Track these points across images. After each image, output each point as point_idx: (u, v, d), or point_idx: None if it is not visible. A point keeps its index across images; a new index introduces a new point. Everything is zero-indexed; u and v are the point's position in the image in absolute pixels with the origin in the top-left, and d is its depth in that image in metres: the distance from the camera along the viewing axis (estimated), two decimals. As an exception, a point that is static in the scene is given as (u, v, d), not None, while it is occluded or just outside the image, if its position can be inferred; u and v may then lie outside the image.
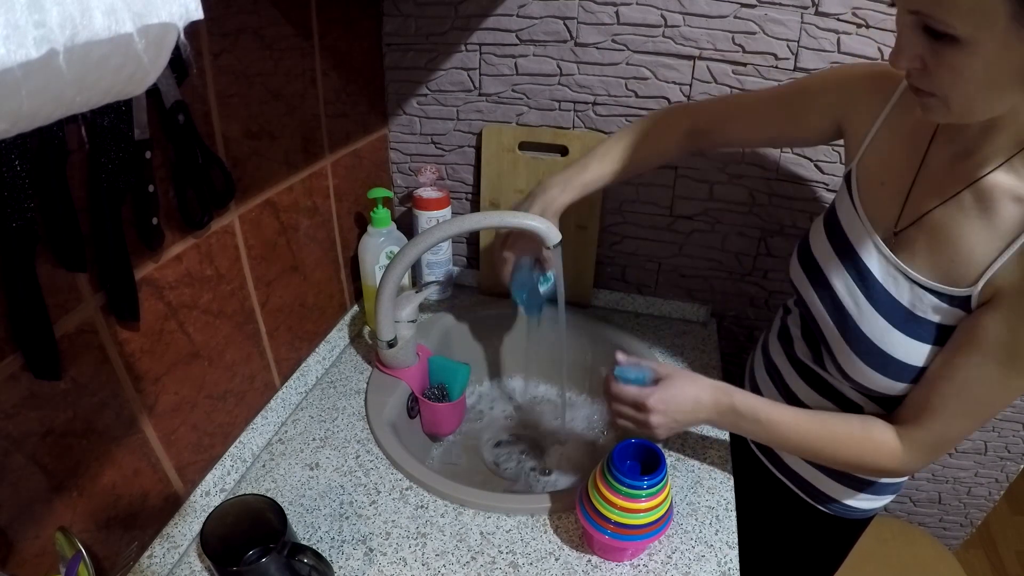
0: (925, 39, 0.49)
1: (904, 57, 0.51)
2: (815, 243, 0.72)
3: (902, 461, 0.63)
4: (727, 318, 1.12)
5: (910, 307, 0.61)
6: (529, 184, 1.04)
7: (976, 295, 0.56)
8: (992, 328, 0.55)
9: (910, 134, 0.64)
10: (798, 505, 0.81)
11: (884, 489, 0.77)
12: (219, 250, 0.69)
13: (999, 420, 1.15)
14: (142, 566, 0.62)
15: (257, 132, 0.72)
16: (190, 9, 0.27)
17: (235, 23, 0.66)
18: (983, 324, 0.56)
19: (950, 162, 0.60)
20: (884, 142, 0.67)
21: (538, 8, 0.93)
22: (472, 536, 0.69)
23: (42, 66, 0.21)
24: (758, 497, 0.85)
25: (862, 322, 0.64)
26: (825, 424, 0.66)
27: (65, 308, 0.51)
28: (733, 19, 0.87)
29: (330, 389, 0.91)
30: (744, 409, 0.68)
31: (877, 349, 0.63)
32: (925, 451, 0.63)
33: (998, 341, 0.55)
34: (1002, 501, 1.47)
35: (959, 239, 0.58)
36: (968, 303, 0.57)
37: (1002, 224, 0.55)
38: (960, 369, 0.58)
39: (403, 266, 0.76)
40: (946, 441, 0.62)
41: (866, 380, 0.65)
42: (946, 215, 0.59)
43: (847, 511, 0.78)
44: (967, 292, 0.57)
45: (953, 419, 0.60)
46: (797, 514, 0.82)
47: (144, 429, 0.61)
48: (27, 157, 0.43)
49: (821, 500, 0.79)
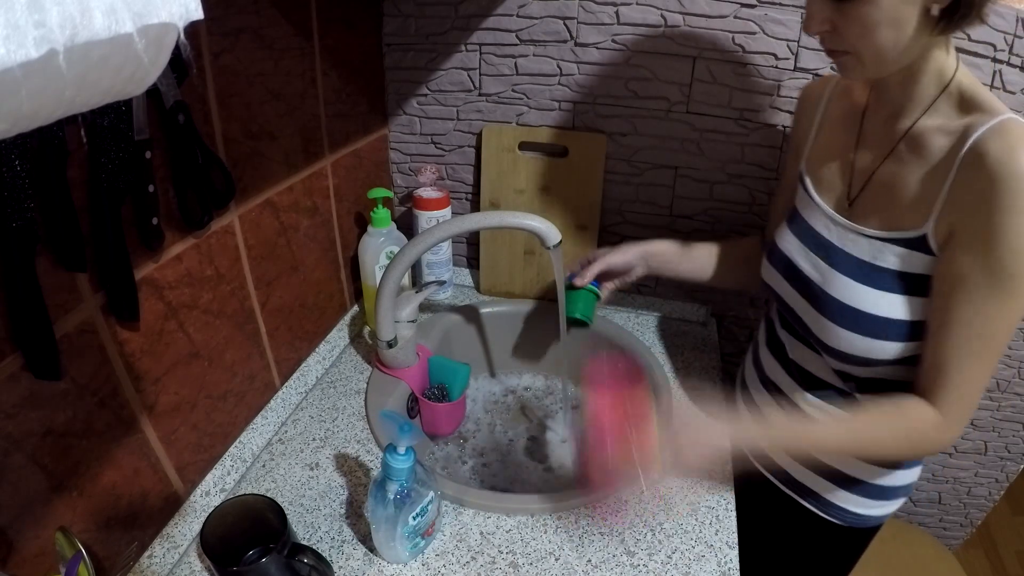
0: (830, 3, 0.56)
1: (815, 22, 0.58)
2: (781, 240, 0.76)
3: (943, 424, 0.62)
4: (727, 318, 1.12)
5: (872, 260, 0.64)
6: (529, 184, 1.04)
7: (931, 233, 0.59)
8: (962, 262, 0.57)
9: (844, 118, 0.72)
10: (806, 517, 0.80)
11: (893, 494, 0.76)
12: (219, 250, 0.69)
13: (999, 420, 1.15)
14: (142, 566, 0.62)
15: (257, 132, 0.72)
16: (190, 9, 0.27)
17: (235, 23, 0.66)
18: (955, 262, 0.58)
19: (883, 126, 0.66)
20: (824, 135, 0.74)
21: (538, 8, 0.93)
22: (472, 536, 0.69)
23: (42, 66, 0.21)
24: (765, 511, 0.84)
25: (827, 286, 0.67)
26: (866, 426, 0.66)
27: (65, 308, 0.51)
28: (733, 19, 0.87)
29: (330, 389, 0.91)
30: (779, 438, 0.70)
31: (847, 308, 0.65)
32: (958, 408, 0.62)
33: (973, 270, 0.56)
34: (1002, 501, 1.47)
35: (904, 187, 0.62)
36: (926, 242, 0.59)
37: (936, 160, 0.59)
38: (953, 312, 0.58)
39: (403, 266, 0.76)
40: (972, 391, 0.61)
41: (846, 345, 0.66)
42: (888, 171, 0.64)
43: (857, 520, 0.77)
44: (921, 232, 0.60)
45: (968, 365, 0.59)
46: (805, 526, 0.80)
47: (144, 429, 0.61)
48: (27, 157, 0.43)
49: (830, 510, 0.77)
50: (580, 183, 1.02)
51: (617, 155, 1.01)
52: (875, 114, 0.68)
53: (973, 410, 0.62)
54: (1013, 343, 1.05)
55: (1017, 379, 1.09)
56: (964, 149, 0.56)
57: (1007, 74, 0.82)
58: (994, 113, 0.56)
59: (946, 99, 0.60)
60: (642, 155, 1.00)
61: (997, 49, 0.81)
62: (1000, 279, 0.55)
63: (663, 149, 0.99)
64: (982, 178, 0.54)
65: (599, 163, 1.00)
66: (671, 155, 0.99)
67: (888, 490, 0.76)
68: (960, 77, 0.59)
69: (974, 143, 0.55)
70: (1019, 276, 0.55)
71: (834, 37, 0.58)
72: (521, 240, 1.09)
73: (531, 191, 1.05)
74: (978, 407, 1.13)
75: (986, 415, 1.15)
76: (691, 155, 0.98)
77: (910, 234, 0.60)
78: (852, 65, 0.59)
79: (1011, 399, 1.12)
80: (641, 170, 1.01)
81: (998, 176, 0.53)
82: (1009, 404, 1.12)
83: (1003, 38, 0.80)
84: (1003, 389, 1.11)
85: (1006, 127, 0.54)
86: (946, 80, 0.59)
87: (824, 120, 0.74)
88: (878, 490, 0.75)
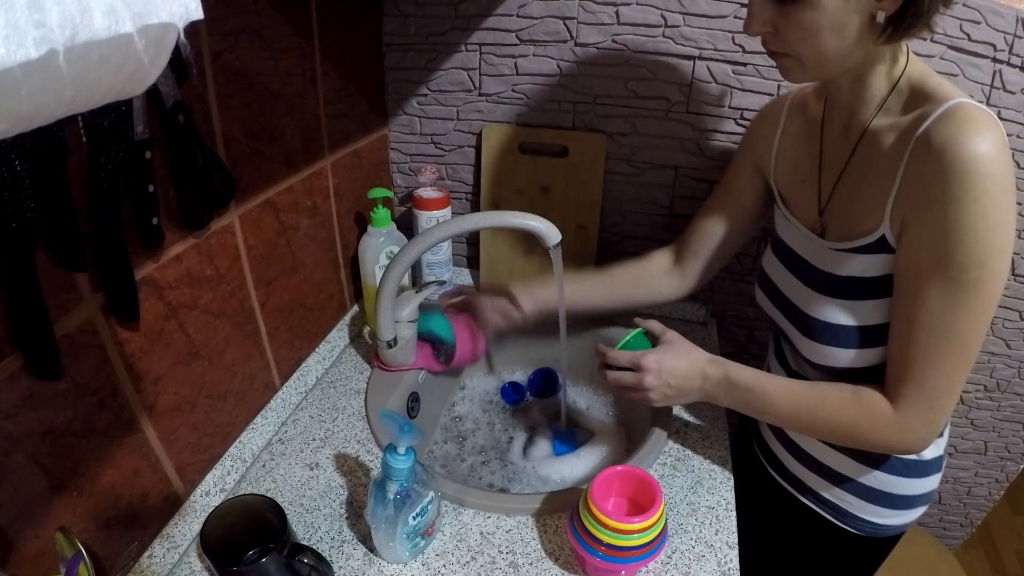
0: (772, 4, 0.55)
1: (756, 23, 0.57)
2: (768, 266, 0.76)
3: (897, 422, 0.59)
4: (727, 318, 1.12)
5: (845, 273, 0.63)
6: (529, 184, 1.04)
7: (888, 230, 0.58)
8: (911, 252, 0.56)
9: (804, 133, 0.71)
10: (822, 525, 0.77)
11: (911, 503, 0.73)
12: (219, 250, 0.69)
13: (999, 420, 1.15)
14: (142, 566, 0.62)
15: (257, 132, 0.72)
16: (190, 9, 0.27)
17: (235, 23, 0.66)
18: (904, 255, 0.57)
19: (841, 134, 0.65)
20: (787, 152, 0.74)
21: (538, 8, 0.93)
22: (472, 536, 0.69)
23: (42, 66, 0.21)
24: (779, 520, 0.83)
25: (807, 307, 0.67)
26: (817, 391, 0.65)
27: (65, 308, 0.51)
28: (733, 19, 0.87)
29: (330, 389, 0.91)
30: (737, 379, 0.68)
31: (826, 325, 0.64)
32: (916, 407, 0.58)
33: (923, 263, 0.55)
34: (1002, 501, 1.47)
35: (863, 189, 0.61)
36: (885, 241, 0.59)
37: (888, 157, 0.58)
38: (908, 307, 0.57)
39: (403, 266, 0.76)
40: (935, 390, 0.57)
41: (832, 360, 0.65)
42: (850, 177, 0.64)
43: (876, 529, 0.75)
44: (880, 232, 0.59)
45: (927, 361, 0.56)
46: (822, 535, 0.78)
47: (144, 429, 0.61)
48: (27, 157, 0.43)
49: (846, 519, 0.75)
50: (580, 183, 1.02)
51: (617, 155, 1.01)
52: (831, 124, 0.67)
53: (941, 412, 0.58)
54: (1012, 342, 1.05)
55: (1017, 379, 1.09)
56: (913, 139, 0.54)
57: (1007, 74, 0.82)
58: (943, 100, 0.54)
59: (897, 96, 0.59)
60: (642, 155, 1.00)
61: (997, 49, 0.81)
62: (950, 272, 0.53)
63: (663, 149, 0.99)
64: (928, 166, 0.52)
65: (599, 163, 1.00)
66: (671, 155, 0.99)
67: (906, 499, 0.73)
68: (910, 71, 0.58)
69: (922, 132, 0.53)
70: (970, 268, 0.52)
71: (775, 39, 0.57)
72: (521, 240, 1.09)
73: (531, 191, 1.05)
74: (978, 407, 1.13)
75: (986, 415, 1.15)
76: (691, 155, 0.98)
77: (871, 237, 0.59)
78: (792, 67, 0.58)
79: (1011, 399, 1.12)
80: (641, 170, 1.02)
81: (942, 162, 0.51)
82: (1009, 404, 1.12)
83: (1003, 38, 0.80)
84: (1003, 389, 1.11)
85: (953, 112, 0.52)
86: (896, 76, 0.58)
87: (784, 137, 0.73)
88: (896, 499, 0.72)
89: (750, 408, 0.69)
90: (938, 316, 0.55)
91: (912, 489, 0.72)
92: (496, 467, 0.89)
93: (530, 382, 1.04)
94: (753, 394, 0.67)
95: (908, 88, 0.58)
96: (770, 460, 0.83)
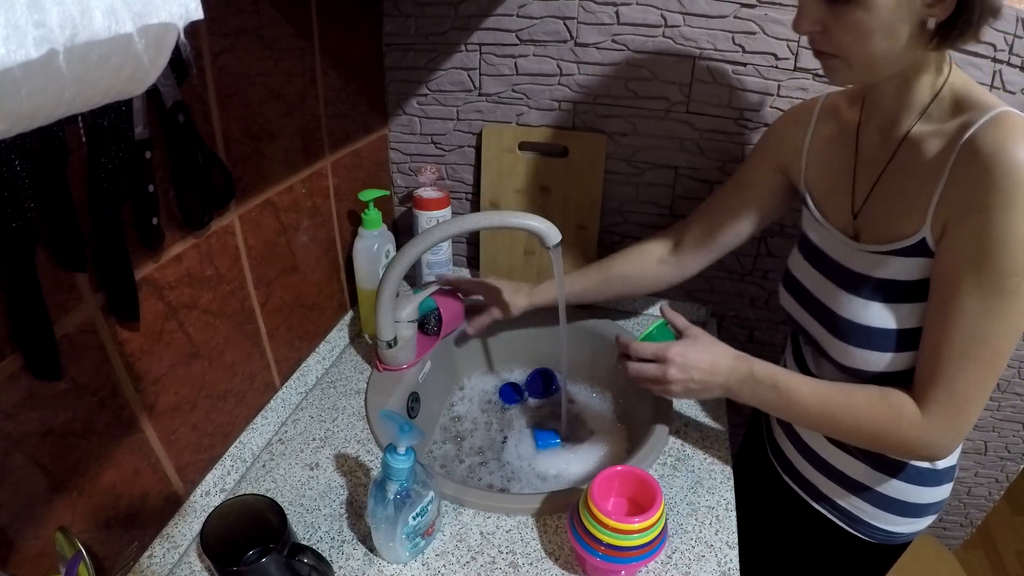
0: (823, 3, 0.54)
1: (805, 21, 0.56)
2: (794, 266, 0.75)
3: (924, 427, 0.59)
4: (727, 318, 1.12)
5: (880, 275, 0.62)
6: (529, 184, 1.04)
7: (929, 234, 0.58)
8: (952, 258, 0.55)
9: (838, 137, 0.70)
10: (833, 531, 0.77)
11: (923, 511, 0.73)
12: (219, 250, 0.69)
13: (999, 420, 1.15)
14: (142, 566, 0.62)
15: (257, 132, 0.72)
16: (190, 9, 0.27)
17: (235, 23, 0.66)
18: (946, 258, 0.56)
19: (879, 138, 0.65)
20: (818, 154, 0.72)
21: (538, 8, 0.93)
22: (472, 536, 0.69)
23: (42, 66, 0.21)
24: (788, 523, 0.82)
25: (838, 307, 0.66)
26: (843, 391, 0.64)
27: (65, 308, 0.51)
28: (733, 19, 0.87)
29: (330, 389, 0.91)
30: (762, 375, 0.67)
31: (858, 326, 0.63)
32: (944, 412, 0.58)
33: (962, 264, 0.54)
34: (1002, 501, 1.47)
35: (903, 193, 0.61)
36: (925, 245, 0.58)
37: (932, 162, 0.57)
38: (943, 310, 0.56)
39: (403, 266, 0.76)
40: (965, 396, 0.57)
41: (861, 362, 0.64)
42: (888, 181, 0.63)
43: (887, 536, 0.74)
44: (920, 235, 0.58)
45: (959, 366, 0.56)
46: (832, 541, 0.77)
47: (144, 429, 0.61)
48: (27, 157, 0.43)
49: (857, 526, 0.75)
50: (580, 183, 1.02)
51: (617, 155, 1.01)
52: (869, 129, 0.67)
53: (968, 420, 0.58)
54: (1013, 343, 1.05)
55: (1017, 379, 1.09)
56: (959, 145, 0.54)
57: (1007, 74, 0.82)
58: (989, 108, 0.54)
59: (938, 104, 0.59)
60: (642, 155, 1.00)
61: (997, 49, 0.81)
62: (989, 277, 0.53)
63: (663, 149, 0.99)
64: (974, 171, 0.53)
65: (599, 163, 1.00)
66: (671, 155, 0.99)
67: (920, 507, 0.72)
68: (953, 79, 0.58)
69: (969, 138, 0.54)
70: (1010, 275, 0.52)
71: (824, 39, 0.56)
72: (521, 240, 1.09)
73: (531, 191, 1.05)
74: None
75: (986, 415, 1.15)
76: (691, 155, 0.98)
77: (910, 240, 0.59)
78: (839, 68, 0.57)
79: (1011, 399, 1.12)
80: (641, 170, 1.02)
81: (990, 168, 0.51)
82: (1009, 404, 1.13)
83: (1003, 38, 0.80)
84: (1003, 389, 1.11)
85: (1000, 119, 0.53)
86: (939, 85, 0.58)
87: (815, 140, 0.73)
88: (910, 507, 0.72)
89: (772, 406, 0.69)
90: (973, 321, 0.55)
91: (926, 497, 0.72)
92: (494, 467, 0.90)
93: (528, 382, 1.04)
94: (777, 391, 0.66)
95: (951, 96, 0.58)
96: (782, 463, 0.82)
